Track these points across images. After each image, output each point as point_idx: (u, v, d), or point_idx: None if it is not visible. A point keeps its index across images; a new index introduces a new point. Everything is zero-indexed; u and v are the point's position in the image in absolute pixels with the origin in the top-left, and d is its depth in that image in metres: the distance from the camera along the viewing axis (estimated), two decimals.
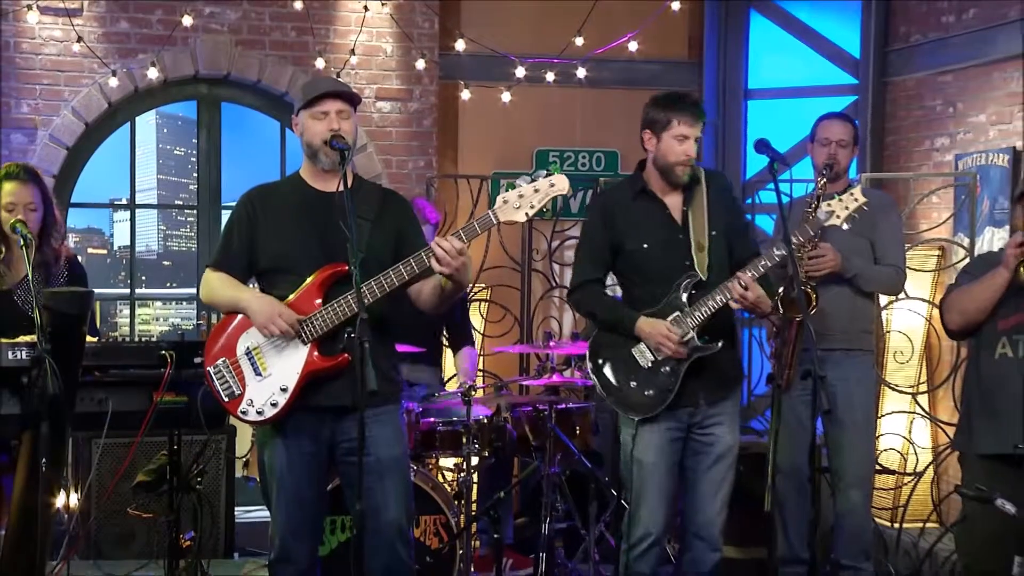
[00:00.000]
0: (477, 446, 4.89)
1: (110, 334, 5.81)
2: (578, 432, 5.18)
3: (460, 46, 6.69)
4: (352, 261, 3.37)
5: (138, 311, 7.20)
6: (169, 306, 12.09)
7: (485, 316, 6.81)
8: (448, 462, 5.74)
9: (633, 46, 6.58)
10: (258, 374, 3.63)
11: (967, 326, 4.00)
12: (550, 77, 6.75)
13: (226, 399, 3.66)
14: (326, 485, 3.83)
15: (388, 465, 3.64)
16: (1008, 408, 3.81)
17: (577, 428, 5.18)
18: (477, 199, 6.83)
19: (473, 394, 4.87)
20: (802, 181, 6.00)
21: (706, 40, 7.36)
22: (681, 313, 3.92)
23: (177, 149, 14.06)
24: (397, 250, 3.65)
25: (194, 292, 6.92)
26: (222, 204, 6.90)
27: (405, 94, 6.88)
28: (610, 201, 4.16)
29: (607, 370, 4.03)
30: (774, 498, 3.77)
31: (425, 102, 6.91)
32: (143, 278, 8.97)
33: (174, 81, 6.66)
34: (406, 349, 4.92)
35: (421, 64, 6.79)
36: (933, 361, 6.04)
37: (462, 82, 6.85)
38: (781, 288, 4.44)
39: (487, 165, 7.09)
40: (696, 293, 3.93)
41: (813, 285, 4.49)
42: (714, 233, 3.99)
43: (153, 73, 6.42)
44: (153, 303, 11.71)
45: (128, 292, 7.10)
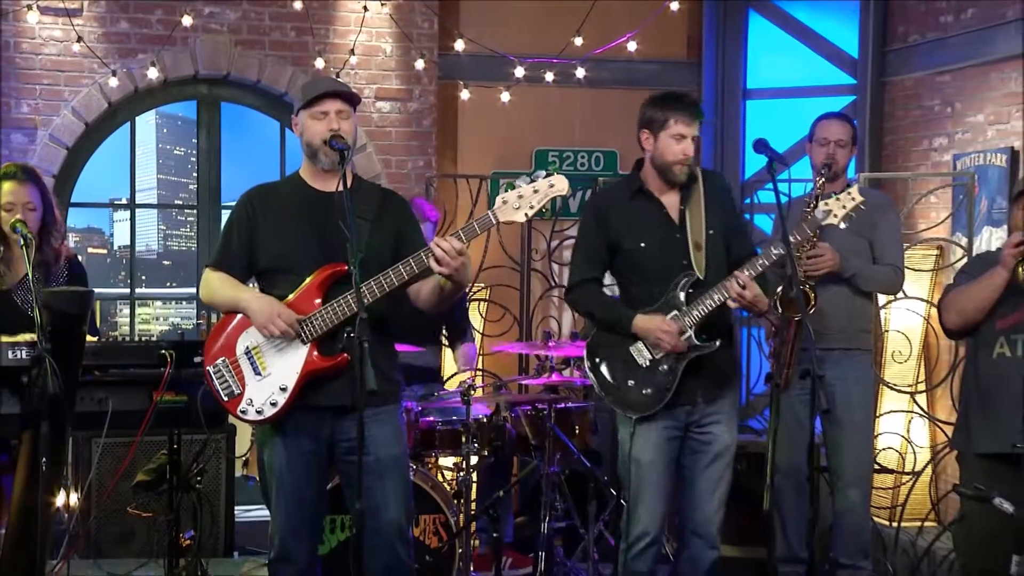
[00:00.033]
0: (476, 445, 4.90)
1: (110, 334, 5.81)
2: (577, 431, 5.19)
3: (459, 46, 6.69)
4: (352, 261, 3.37)
5: (138, 311, 7.20)
6: (169, 306, 12.09)
7: (484, 315, 6.81)
8: (447, 461, 5.74)
9: (632, 46, 6.59)
10: (258, 374, 3.63)
11: (965, 325, 4.00)
12: (549, 77, 6.75)
13: (225, 398, 3.66)
14: (326, 484, 3.84)
15: (387, 464, 3.65)
16: (1006, 407, 3.81)
17: (576, 427, 5.19)
18: (476, 199, 6.84)
19: (472, 393, 4.88)
20: (801, 181, 6.01)
21: (705, 40, 7.36)
22: (679, 312, 3.93)
23: (177, 149, 14.05)
24: (396, 250, 3.65)
25: (194, 292, 6.93)
26: (222, 204, 6.90)
27: (404, 94, 6.88)
28: (605, 201, 4.18)
29: (605, 369, 4.04)
30: (773, 497, 3.78)
31: (424, 102, 6.91)
32: (143, 278, 8.97)
33: (174, 81, 6.66)
34: (406, 349, 4.93)
35: (420, 64, 6.79)
36: (931, 360, 6.04)
37: (461, 82, 6.85)
38: (780, 288, 4.45)
39: (486, 165, 7.09)
40: (693, 292, 3.94)
41: (812, 285, 4.49)
42: (711, 232, 3.99)
43: (153, 73, 6.42)
44: (153, 303, 11.71)
45: (128, 292, 7.10)
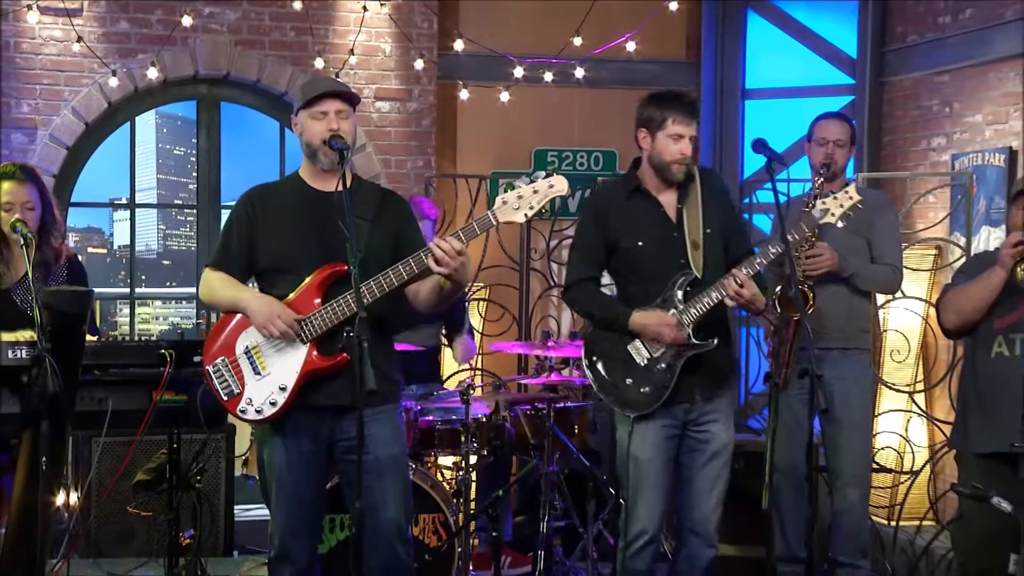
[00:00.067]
0: (476, 445, 4.90)
1: (110, 333, 5.82)
2: (576, 431, 5.19)
3: (459, 46, 6.69)
4: (351, 261, 3.38)
5: (138, 310, 7.21)
6: (169, 305, 12.10)
7: (483, 315, 6.82)
8: (447, 460, 5.75)
9: (631, 46, 6.59)
10: (257, 373, 3.64)
11: (963, 325, 4.00)
12: (548, 77, 6.75)
13: (225, 398, 3.67)
14: (325, 483, 3.84)
15: (387, 464, 3.65)
16: (1004, 407, 3.80)
17: (575, 427, 5.20)
18: (476, 199, 6.85)
19: (471, 393, 4.89)
20: (799, 181, 6.02)
21: (704, 40, 7.36)
22: (676, 311, 3.94)
23: (177, 149, 14.08)
24: (396, 250, 3.66)
25: (194, 291, 6.92)
26: (222, 204, 6.90)
27: (404, 94, 6.89)
28: (603, 200, 4.18)
29: (603, 367, 4.04)
30: (771, 496, 3.79)
31: (424, 102, 6.92)
32: (143, 277, 8.98)
33: (174, 81, 6.66)
34: (405, 348, 4.94)
35: (420, 64, 6.79)
36: (930, 360, 6.04)
37: (461, 82, 6.86)
38: (778, 287, 4.46)
39: (486, 165, 7.10)
40: (691, 290, 3.94)
41: (810, 284, 4.49)
42: (709, 231, 3.99)
43: (153, 73, 6.43)
44: (153, 302, 11.72)
45: (128, 291, 7.10)
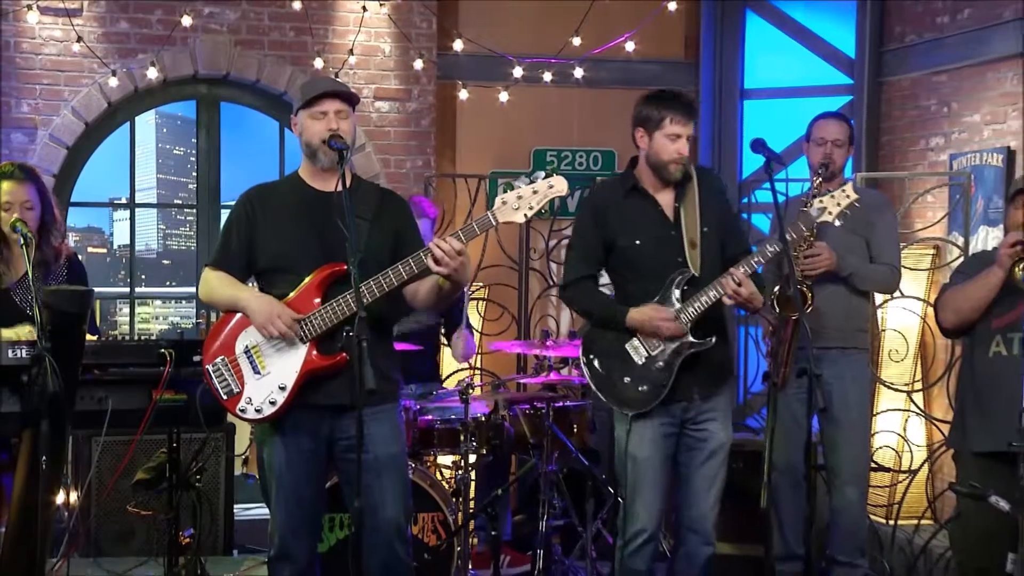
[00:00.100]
0: (475, 444, 4.91)
1: (110, 333, 5.82)
2: (575, 430, 5.19)
3: (458, 46, 6.70)
4: (351, 260, 3.39)
5: (138, 310, 7.22)
6: (168, 305, 12.10)
7: (483, 315, 6.83)
8: (446, 460, 5.75)
9: (630, 46, 6.58)
10: (257, 372, 3.64)
11: (961, 324, 4.01)
12: (548, 77, 6.75)
13: (225, 397, 3.67)
14: (325, 483, 3.84)
15: (386, 463, 3.66)
16: (1002, 406, 3.78)
17: (574, 426, 5.20)
18: (475, 198, 6.85)
19: (471, 392, 4.89)
20: (798, 180, 6.02)
21: (702, 40, 7.36)
22: (674, 309, 3.94)
23: (176, 148, 14.07)
24: (395, 250, 3.67)
25: (193, 291, 6.94)
26: (221, 203, 6.91)
27: (403, 94, 6.90)
28: (601, 199, 4.18)
29: (601, 366, 4.04)
30: (770, 495, 3.78)
31: (423, 102, 6.92)
32: (143, 277, 8.98)
33: (173, 81, 6.67)
34: (405, 347, 4.94)
35: (419, 64, 6.80)
36: (928, 359, 6.05)
37: (460, 82, 6.86)
38: (777, 287, 4.47)
39: (485, 164, 7.11)
40: (689, 289, 3.95)
41: (809, 284, 4.50)
42: (706, 230, 4.00)
43: (152, 73, 6.43)
44: (153, 302, 11.72)
45: (128, 291, 7.11)
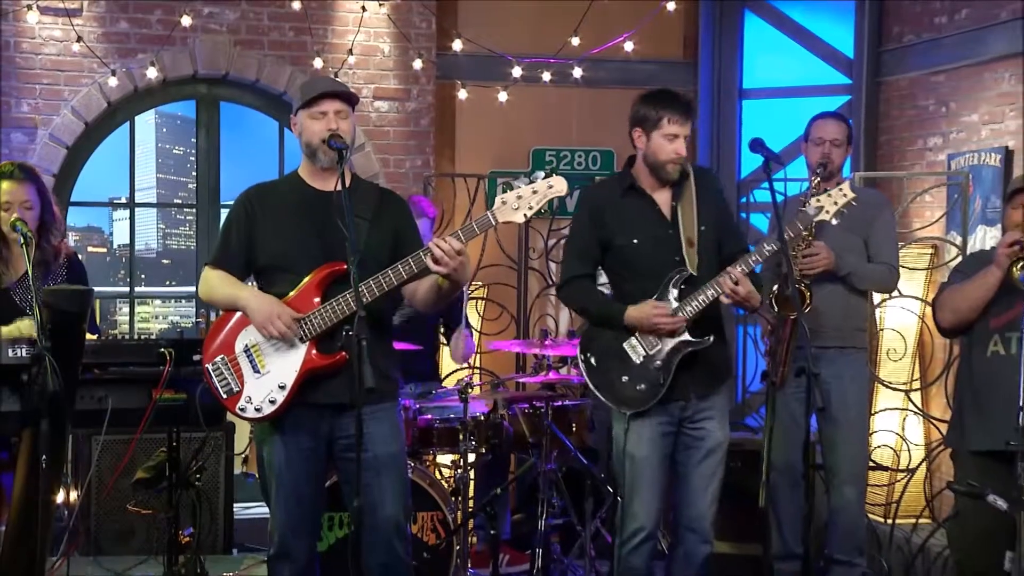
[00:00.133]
0: (474, 443, 4.92)
1: (110, 332, 5.85)
2: (574, 429, 5.20)
3: (457, 46, 6.70)
4: (350, 260, 3.39)
5: (137, 309, 7.22)
6: (168, 304, 12.10)
7: (482, 314, 6.84)
8: (445, 459, 5.75)
9: (629, 46, 6.59)
10: (256, 371, 3.65)
11: (959, 324, 4.02)
12: (546, 77, 6.75)
13: (224, 396, 3.67)
14: (324, 481, 3.85)
15: (385, 462, 3.66)
16: (1000, 405, 3.79)
17: (573, 425, 5.21)
18: (474, 198, 6.86)
19: (470, 391, 4.90)
20: (796, 180, 6.03)
21: (701, 40, 7.37)
22: (672, 308, 3.95)
23: (176, 148, 14.07)
24: (395, 249, 3.67)
25: (193, 290, 6.95)
26: (221, 203, 6.91)
27: (402, 94, 6.90)
28: (598, 198, 4.18)
29: (598, 364, 4.04)
30: (768, 494, 3.79)
31: (422, 102, 6.93)
32: (142, 276, 8.97)
33: (173, 81, 6.68)
34: (404, 347, 4.95)
35: (418, 64, 6.81)
36: (926, 358, 6.06)
37: (459, 82, 6.87)
38: (776, 286, 4.48)
39: (484, 164, 7.11)
40: (686, 288, 3.95)
41: (807, 283, 4.51)
42: (703, 229, 4.00)
43: (152, 73, 6.44)
44: (152, 301, 11.72)
45: (127, 290, 7.12)
